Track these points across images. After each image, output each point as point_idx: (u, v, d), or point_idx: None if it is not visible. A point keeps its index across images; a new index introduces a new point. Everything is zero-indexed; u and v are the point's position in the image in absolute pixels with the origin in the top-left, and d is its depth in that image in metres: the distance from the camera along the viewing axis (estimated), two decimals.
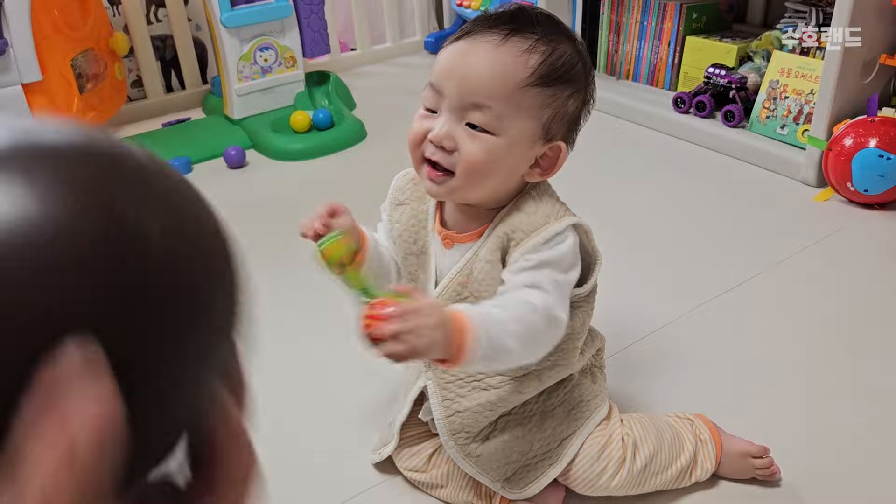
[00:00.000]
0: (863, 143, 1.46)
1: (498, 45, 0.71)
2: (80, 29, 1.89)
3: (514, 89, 0.70)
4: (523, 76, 0.70)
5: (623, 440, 0.84)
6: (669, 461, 0.85)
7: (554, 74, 0.72)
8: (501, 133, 0.71)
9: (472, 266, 0.77)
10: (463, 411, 0.81)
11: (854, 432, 0.97)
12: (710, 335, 1.16)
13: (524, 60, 0.71)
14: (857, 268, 1.33)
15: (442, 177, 0.73)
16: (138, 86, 2.29)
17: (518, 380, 0.80)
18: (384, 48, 2.66)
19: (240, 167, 1.87)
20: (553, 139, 0.75)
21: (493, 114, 0.70)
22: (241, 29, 1.95)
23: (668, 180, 1.69)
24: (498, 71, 0.70)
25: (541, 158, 0.75)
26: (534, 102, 0.72)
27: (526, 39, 0.71)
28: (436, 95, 0.73)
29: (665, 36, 2.02)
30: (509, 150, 0.72)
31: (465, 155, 0.71)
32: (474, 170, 0.71)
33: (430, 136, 0.72)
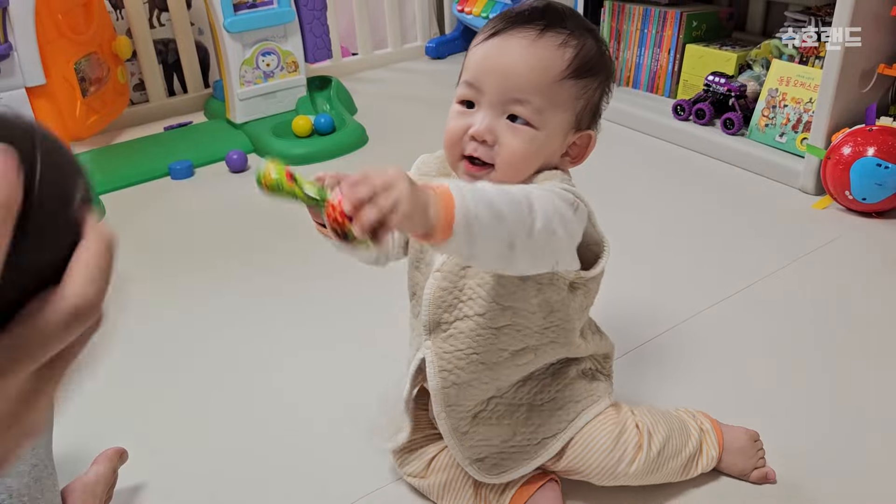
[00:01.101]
0: (861, 152, 1.47)
1: (535, 41, 0.73)
2: (83, 33, 1.90)
3: (553, 82, 0.73)
4: (560, 69, 0.73)
5: (637, 427, 0.85)
6: (680, 446, 0.87)
7: (586, 67, 0.75)
8: (541, 126, 0.73)
9: None
10: (460, 384, 0.81)
11: (852, 435, 0.97)
12: (708, 342, 1.17)
13: (560, 54, 0.73)
14: (854, 276, 1.33)
15: (482, 170, 0.75)
16: (141, 89, 2.30)
17: (516, 353, 0.80)
18: (385, 53, 2.67)
19: (241, 171, 1.88)
20: (582, 128, 0.78)
21: (534, 107, 0.73)
22: (244, 34, 1.96)
23: (667, 187, 1.70)
24: (537, 65, 0.73)
25: (570, 147, 0.78)
26: (569, 94, 0.75)
27: (559, 34, 0.74)
28: (473, 91, 0.75)
29: (665, 43, 2.03)
30: (547, 142, 0.75)
31: (507, 148, 0.73)
32: (515, 162, 0.74)
33: (471, 132, 0.74)
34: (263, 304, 1.34)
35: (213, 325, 1.29)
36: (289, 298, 1.35)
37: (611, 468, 0.83)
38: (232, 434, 1.04)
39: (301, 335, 1.24)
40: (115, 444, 0.93)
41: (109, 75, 2.05)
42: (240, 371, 1.17)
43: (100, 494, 0.85)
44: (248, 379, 1.15)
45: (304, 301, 1.34)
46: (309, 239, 1.65)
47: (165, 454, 1.00)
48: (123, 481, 0.93)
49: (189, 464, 0.99)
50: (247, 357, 1.20)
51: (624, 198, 1.64)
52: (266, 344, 1.23)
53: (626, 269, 1.32)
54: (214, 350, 1.22)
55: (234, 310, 1.32)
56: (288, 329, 1.26)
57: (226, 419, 1.06)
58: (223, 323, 1.29)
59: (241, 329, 1.27)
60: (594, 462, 0.83)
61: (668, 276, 1.36)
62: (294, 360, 1.18)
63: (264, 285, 1.40)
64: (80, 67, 1.89)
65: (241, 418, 1.06)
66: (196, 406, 1.09)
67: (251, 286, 1.40)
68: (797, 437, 0.98)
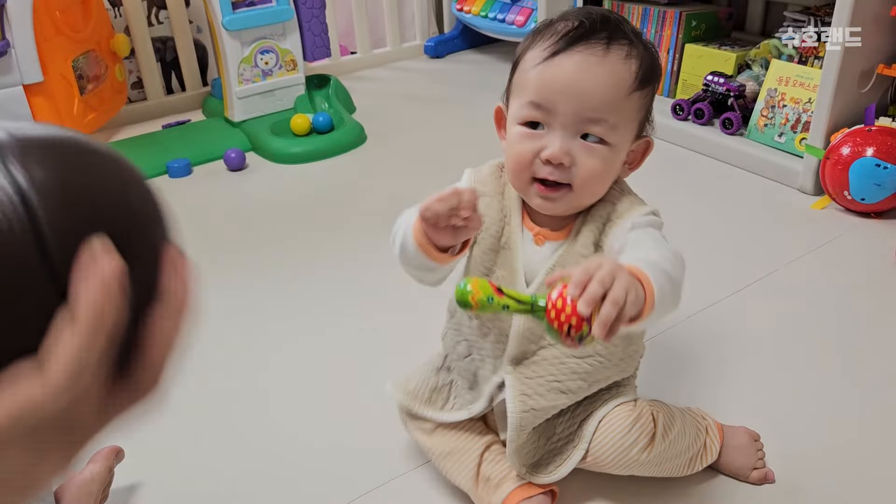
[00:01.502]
0: (860, 152, 1.46)
1: (604, 57, 0.72)
2: (81, 30, 1.90)
3: (624, 97, 0.73)
4: (630, 83, 0.73)
5: (653, 416, 0.84)
6: (690, 442, 0.87)
7: (647, 75, 0.74)
8: (615, 142, 0.73)
9: (564, 262, 0.78)
10: (538, 409, 0.81)
11: (852, 435, 0.97)
12: (705, 342, 1.17)
13: (628, 67, 0.73)
14: (852, 276, 1.33)
15: (558, 192, 0.74)
16: (139, 87, 2.29)
17: (593, 383, 0.82)
18: (384, 52, 2.67)
19: (240, 169, 1.88)
20: (640, 135, 0.78)
21: (609, 125, 0.72)
22: (243, 32, 1.95)
23: (665, 187, 1.70)
24: (612, 82, 0.72)
25: (628, 155, 0.78)
26: (636, 105, 0.74)
27: (622, 46, 0.73)
28: (543, 113, 0.73)
29: (664, 43, 2.03)
30: (619, 156, 0.75)
31: (585, 169, 0.73)
32: (594, 181, 0.74)
33: (545, 155, 0.72)
34: (261, 302, 1.33)
35: (209, 322, 1.28)
36: (287, 296, 1.35)
37: (624, 451, 0.82)
38: (229, 431, 1.03)
39: (298, 333, 1.24)
40: (111, 443, 0.92)
41: (107, 73, 2.05)
42: (236, 367, 1.17)
43: (95, 493, 0.85)
44: (245, 375, 1.14)
45: (302, 298, 1.33)
46: (306, 237, 1.65)
47: (162, 452, 1.00)
48: (120, 480, 0.93)
49: (186, 461, 0.99)
50: (244, 354, 1.20)
51: None
52: (264, 341, 1.23)
53: None
54: (211, 347, 1.21)
55: (232, 307, 1.32)
56: (285, 327, 1.26)
57: (222, 416, 1.05)
58: (220, 320, 1.29)
59: (238, 326, 1.27)
60: (609, 444, 0.82)
61: None
62: (291, 356, 1.18)
63: (261, 283, 1.39)
64: (78, 65, 1.88)
65: (238, 414, 1.06)
66: (193, 403, 1.08)
67: (247, 284, 1.39)
68: (795, 436, 0.98)
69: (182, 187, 1.81)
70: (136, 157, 1.92)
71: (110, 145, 0.39)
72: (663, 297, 0.61)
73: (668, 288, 0.63)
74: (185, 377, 1.23)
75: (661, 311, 0.62)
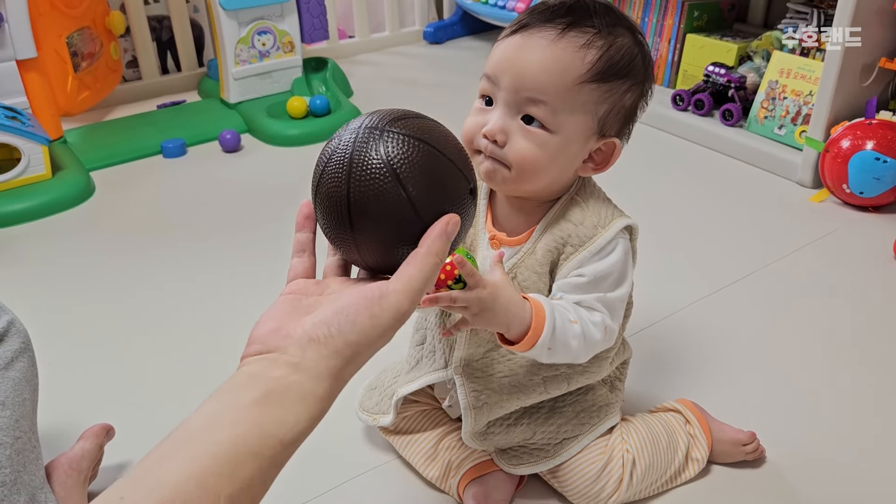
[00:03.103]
0: (860, 146, 1.46)
1: (555, 41, 0.69)
2: (76, 6, 1.87)
3: (571, 85, 0.69)
4: (580, 72, 0.69)
5: (623, 459, 0.84)
6: (665, 468, 0.87)
7: (612, 70, 0.70)
8: (556, 129, 0.70)
9: (516, 271, 0.77)
10: (491, 404, 0.81)
11: (847, 428, 0.97)
12: (703, 333, 1.16)
13: (581, 56, 0.69)
14: (850, 269, 1.33)
15: (496, 165, 0.72)
16: (133, 66, 2.26)
17: (548, 379, 0.80)
18: (383, 37, 2.65)
19: (235, 151, 1.86)
20: (607, 134, 0.74)
21: (549, 109, 0.69)
22: (240, 12, 1.93)
23: (664, 178, 1.69)
24: (554, 67, 0.69)
25: (594, 153, 0.75)
26: (590, 98, 0.70)
27: (584, 34, 0.70)
28: (492, 86, 0.72)
29: (666, 33, 2.02)
30: (563, 147, 0.71)
31: (517, 149, 0.70)
32: (528, 165, 0.71)
33: (483, 130, 0.71)
34: (254, 283, 1.32)
35: (202, 302, 1.27)
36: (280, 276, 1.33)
37: (592, 496, 0.83)
38: None
39: None
40: (101, 420, 0.91)
41: (102, 51, 2.02)
42: (228, 348, 1.15)
43: (85, 470, 0.84)
44: (236, 355, 1.13)
45: None
46: None
47: (153, 431, 0.98)
48: (110, 458, 0.92)
49: None
50: (236, 335, 1.18)
51: (619, 187, 1.63)
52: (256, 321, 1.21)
53: None
54: (204, 327, 1.20)
55: (224, 288, 1.31)
56: None
57: None
58: (213, 300, 1.27)
59: (231, 307, 1.25)
60: (578, 487, 0.84)
61: (664, 267, 1.35)
62: None
63: (255, 264, 1.38)
64: (73, 42, 1.86)
65: None
66: (185, 382, 1.07)
67: (241, 265, 1.38)
68: (791, 429, 0.98)
69: (176, 168, 1.80)
70: (131, 136, 1.90)
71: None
72: (552, 347, 0.70)
73: (558, 350, 0.71)
74: (176, 355, 1.22)
75: (547, 353, 0.71)
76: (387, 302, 0.47)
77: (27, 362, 0.76)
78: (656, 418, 0.91)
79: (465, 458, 0.87)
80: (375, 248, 0.50)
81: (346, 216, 0.49)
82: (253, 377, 0.45)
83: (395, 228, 0.49)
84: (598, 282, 0.74)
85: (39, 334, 0.87)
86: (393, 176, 0.47)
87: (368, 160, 0.48)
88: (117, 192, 1.67)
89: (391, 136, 0.49)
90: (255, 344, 0.49)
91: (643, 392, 1.03)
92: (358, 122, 0.51)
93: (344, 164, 0.49)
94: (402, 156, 0.48)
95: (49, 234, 1.51)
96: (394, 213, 0.48)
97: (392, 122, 0.50)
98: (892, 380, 1.06)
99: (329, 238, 0.53)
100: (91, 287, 1.33)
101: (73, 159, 1.72)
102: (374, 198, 0.48)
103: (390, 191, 0.48)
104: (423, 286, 0.48)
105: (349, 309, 0.47)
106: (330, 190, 0.49)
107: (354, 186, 0.48)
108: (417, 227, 0.49)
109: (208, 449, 0.41)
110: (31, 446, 0.73)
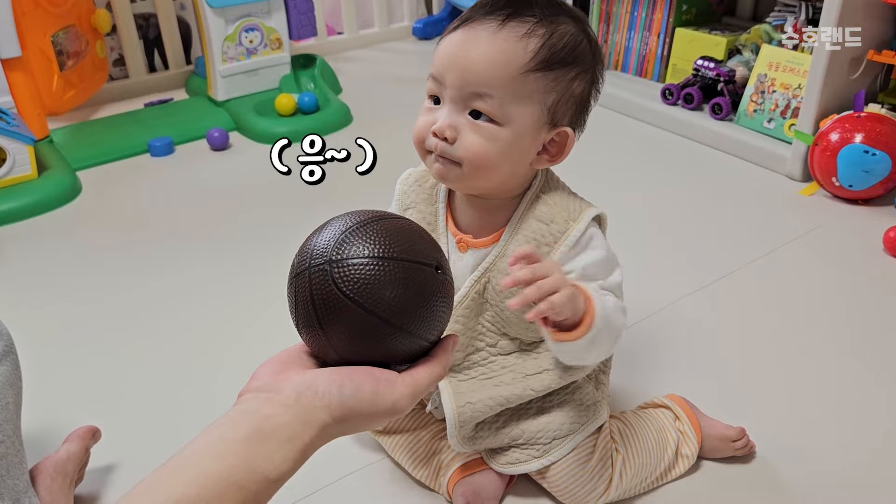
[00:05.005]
0: (848, 139, 1.46)
1: (495, 32, 0.69)
2: (61, 5, 1.85)
3: (515, 76, 0.68)
4: (523, 62, 0.68)
5: (612, 457, 0.84)
6: (654, 466, 0.87)
7: (555, 57, 0.70)
8: (505, 122, 0.69)
9: (489, 275, 0.77)
10: (474, 402, 0.80)
11: (836, 420, 0.97)
12: (692, 327, 1.16)
13: (523, 45, 0.68)
14: (838, 262, 1.33)
15: (448, 165, 0.71)
16: (120, 65, 2.25)
17: (531, 377, 0.80)
18: (371, 33, 2.64)
19: (223, 149, 1.85)
20: (559, 124, 0.73)
21: (496, 102, 0.68)
22: (227, 9, 1.92)
23: (654, 172, 1.69)
24: (497, 58, 0.68)
25: (548, 144, 0.74)
26: (536, 87, 0.69)
27: (524, 23, 0.69)
28: (438, 85, 0.71)
29: (655, 27, 2.02)
30: (514, 139, 0.70)
31: (466, 146, 0.70)
32: (479, 160, 0.70)
33: (433, 128, 0.70)
34: (242, 282, 1.31)
35: (190, 302, 1.26)
36: (267, 275, 1.33)
37: (582, 496, 0.83)
38: (206, 411, 1.01)
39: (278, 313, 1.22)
40: (87, 422, 0.90)
41: (88, 49, 2.01)
42: (214, 347, 1.15)
43: (71, 473, 0.83)
44: (223, 355, 1.13)
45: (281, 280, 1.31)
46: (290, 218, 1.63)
47: (139, 432, 0.98)
48: (96, 460, 0.91)
49: (164, 442, 0.96)
50: (222, 333, 1.18)
51: (609, 182, 1.63)
52: (242, 320, 1.21)
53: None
54: (190, 327, 1.19)
55: (211, 287, 1.30)
56: (264, 305, 1.24)
57: (201, 396, 1.03)
58: (199, 299, 1.26)
59: (217, 305, 1.25)
60: (567, 487, 0.83)
61: (653, 261, 1.35)
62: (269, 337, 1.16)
63: (243, 263, 1.37)
64: (58, 40, 1.84)
65: (216, 394, 1.04)
66: (170, 383, 1.06)
67: (229, 264, 1.37)
68: (780, 424, 0.98)
69: (164, 166, 1.78)
70: (118, 135, 1.89)
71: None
72: (602, 328, 0.68)
73: (607, 328, 0.69)
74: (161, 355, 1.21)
75: (590, 346, 0.69)
76: (392, 389, 0.50)
77: (10, 365, 0.75)
78: (645, 415, 0.91)
79: (455, 457, 0.87)
80: (358, 358, 0.52)
81: (325, 342, 0.52)
82: (246, 414, 0.48)
83: (376, 346, 0.51)
84: (589, 275, 0.74)
85: (24, 336, 0.86)
86: (359, 308, 0.50)
87: (332, 302, 0.50)
88: (104, 192, 1.66)
89: (340, 267, 0.50)
90: (255, 381, 0.51)
91: (633, 388, 1.03)
92: (305, 261, 0.53)
93: (309, 309, 0.51)
94: (359, 287, 0.50)
95: (35, 234, 1.49)
96: (369, 333, 0.50)
97: (338, 247, 0.51)
98: (883, 373, 1.06)
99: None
100: (77, 287, 1.32)
101: (60, 159, 1.70)
102: (347, 330, 0.50)
103: (361, 320, 0.50)
104: (424, 392, 0.52)
105: (356, 378, 0.50)
106: (306, 322, 0.53)
107: (327, 325, 0.51)
108: (399, 336, 0.51)
109: (197, 479, 0.43)
110: (15, 450, 0.72)
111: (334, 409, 0.48)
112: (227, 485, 0.44)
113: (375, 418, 0.50)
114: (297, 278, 0.53)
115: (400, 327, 0.51)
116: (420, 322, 0.51)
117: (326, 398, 0.48)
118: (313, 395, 0.48)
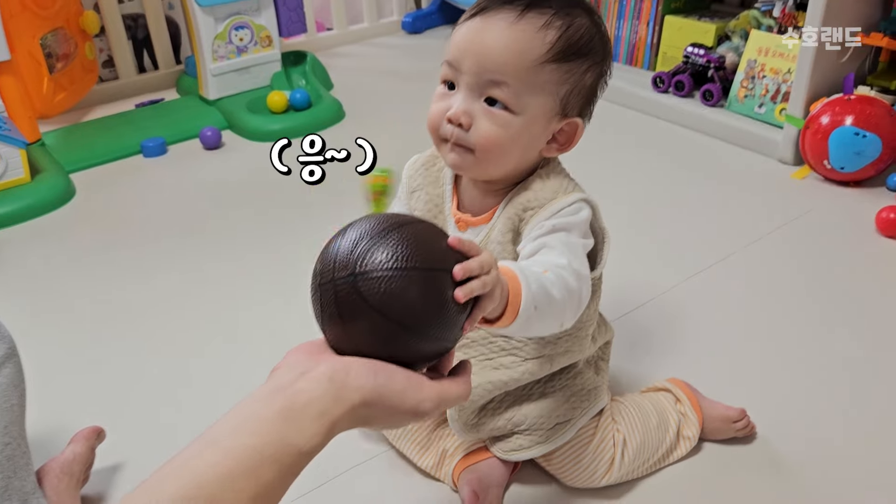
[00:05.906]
0: (839, 121, 1.47)
1: (514, 22, 0.69)
2: (49, 7, 1.84)
3: (532, 66, 0.69)
4: (540, 53, 0.69)
5: (614, 439, 0.85)
6: (656, 447, 0.88)
7: (571, 49, 0.71)
8: (519, 110, 0.70)
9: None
10: (474, 387, 0.80)
11: (832, 402, 0.98)
12: (688, 312, 1.17)
13: (541, 37, 0.69)
14: (832, 245, 1.34)
15: (464, 153, 0.72)
16: (110, 66, 2.24)
17: (531, 361, 0.80)
18: (361, 28, 2.63)
19: (216, 148, 1.85)
20: (570, 114, 0.74)
21: (512, 90, 0.69)
22: (216, 7, 1.91)
23: (647, 159, 1.70)
24: (514, 47, 0.69)
25: (558, 134, 0.75)
26: (551, 78, 0.71)
27: (542, 15, 0.70)
28: (453, 71, 0.72)
29: (644, 15, 2.02)
30: (527, 127, 0.71)
31: (481, 133, 0.70)
32: (492, 147, 0.71)
33: (448, 114, 0.71)
34: (240, 280, 1.32)
35: (188, 301, 1.27)
36: (262, 276, 1.33)
37: (584, 479, 0.85)
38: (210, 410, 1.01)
39: (276, 311, 1.22)
40: (92, 423, 0.91)
41: (77, 51, 2.00)
42: (215, 346, 1.15)
43: (77, 474, 0.83)
44: (225, 354, 1.13)
45: (280, 276, 1.32)
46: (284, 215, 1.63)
47: (144, 431, 0.98)
48: (101, 461, 0.91)
49: (168, 440, 0.97)
50: (222, 333, 1.18)
51: (603, 170, 1.64)
52: (242, 320, 1.21)
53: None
54: (190, 327, 1.20)
55: (209, 286, 1.30)
56: (262, 305, 1.24)
57: (204, 395, 1.04)
58: (199, 299, 1.27)
59: (217, 304, 1.25)
60: (571, 469, 0.85)
61: (648, 248, 1.35)
62: (267, 334, 1.17)
63: (240, 262, 1.37)
64: (47, 43, 1.83)
65: (219, 394, 1.04)
66: (174, 383, 1.07)
67: (226, 263, 1.37)
68: (780, 405, 0.99)
69: (157, 167, 1.78)
70: (110, 137, 1.88)
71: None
72: (538, 305, 0.63)
73: (545, 307, 0.64)
74: (164, 355, 1.21)
75: (528, 327, 0.64)
76: (420, 390, 0.52)
77: (13, 368, 0.75)
78: (647, 398, 0.92)
79: (459, 445, 0.88)
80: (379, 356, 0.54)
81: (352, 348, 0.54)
82: (279, 389, 0.49)
83: (401, 350, 0.53)
84: (561, 228, 0.72)
85: (25, 339, 0.86)
86: (384, 317, 0.51)
87: (357, 312, 0.52)
88: (98, 194, 1.66)
89: (365, 280, 0.51)
90: (289, 359, 0.54)
91: (633, 373, 1.04)
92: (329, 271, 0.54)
93: (335, 318, 0.53)
94: (384, 299, 0.51)
95: (31, 238, 1.49)
96: (392, 339, 0.52)
97: (362, 257, 0.52)
98: (880, 352, 1.07)
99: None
100: (76, 289, 1.32)
101: (52, 162, 1.70)
102: (372, 338, 0.52)
103: (386, 328, 0.52)
104: (449, 404, 0.55)
105: (389, 369, 0.52)
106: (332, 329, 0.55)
107: (354, 333, 0.53)
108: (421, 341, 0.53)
109: (233, 452, 0.45)
110: (21, 452, 0.72)
111: (366, 392, 0.50)
112: (264, 458, 0.45)
113: (398, 415, 0.51)
114: (321, 288, 0.54)
115: (423, 333, 0.53)
116: (441, 326, 0.53)
117: (360, 380, 0.50)
118: (346, 375, 0.50)
